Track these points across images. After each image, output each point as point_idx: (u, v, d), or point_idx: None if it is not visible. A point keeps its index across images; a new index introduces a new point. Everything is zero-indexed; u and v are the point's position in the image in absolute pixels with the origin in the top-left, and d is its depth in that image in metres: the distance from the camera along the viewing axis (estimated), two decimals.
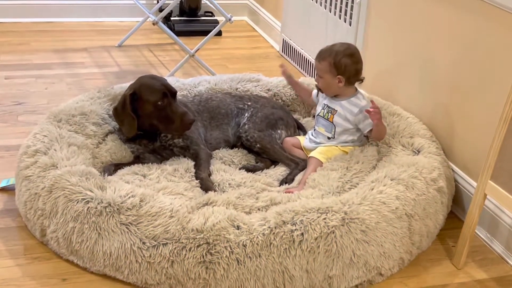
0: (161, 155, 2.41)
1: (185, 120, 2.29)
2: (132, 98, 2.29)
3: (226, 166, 2.41)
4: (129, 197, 1.96)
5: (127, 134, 2.34)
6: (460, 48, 2.34)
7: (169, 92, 2.31)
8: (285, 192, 2.22)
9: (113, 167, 2.28)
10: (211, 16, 4.41)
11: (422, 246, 2.14)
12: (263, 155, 2.49)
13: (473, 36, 2.27)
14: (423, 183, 2.13)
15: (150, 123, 2.33)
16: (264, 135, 2.49)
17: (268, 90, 2.85)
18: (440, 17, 2.43)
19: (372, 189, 2.06)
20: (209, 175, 2.30)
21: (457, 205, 2.39)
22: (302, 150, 2.50)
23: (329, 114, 2.43)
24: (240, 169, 2.40)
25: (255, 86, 2.84)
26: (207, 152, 2.40)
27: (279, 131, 2.54)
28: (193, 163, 2.35)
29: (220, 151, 2.51)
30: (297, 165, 2.42)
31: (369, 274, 1.97)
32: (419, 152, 2.33)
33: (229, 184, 2.27)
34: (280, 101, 2.84)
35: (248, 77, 2.88)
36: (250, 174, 2.36)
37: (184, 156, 2.39)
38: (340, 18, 3.19)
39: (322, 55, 2.40)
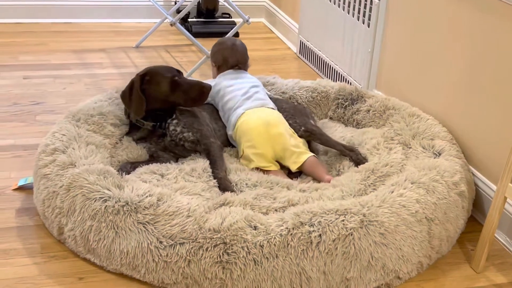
0: (174, 152, 2.41)
1: (202, 88, 2.37)
2: (143, 80, 2.33)
3: (241, 165, 2.40)
4: (147, 196, 1.96)
5: (136, 114, 2.35)
6: (479, 49, 2.32)
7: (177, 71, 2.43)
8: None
9: (130, 165, 2.29)
10: (228, 18, 4.42)
11: (442, 251, 2.11)
12: None
13: (492, 36, 2.24)
14: (444, 187, 2.11)
15: (167, 100, 2.35)
16: None
17: (283, 92, 2.84)
18: (459, 18, 2.41)
19: (392, 192, 2.04)
20: (225, 170, 2.30)
21: (476, 209, 2.37)
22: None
23: None
24: None
25: (269, 90, 2.81)
26: (218, 145, 2.38)
27: None
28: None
29: (234, 150, 2.51)
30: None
31: (387, 277, 1.95)
32: (439, 154, 2.31)
33: (246, 184, 2.26)
34: (295, 103, 2.83)
35: (263, 80, 2.86)
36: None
37: (196, 151, 2.39)
38: (358, 20, 3.18)
39: None
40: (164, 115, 2.39)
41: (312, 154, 2.41)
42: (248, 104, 2.47)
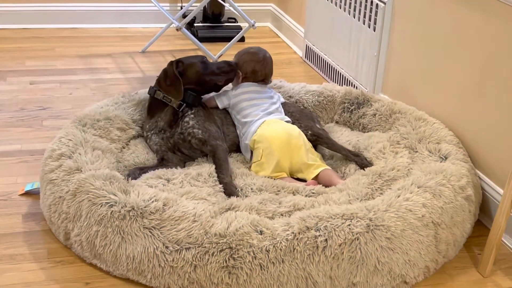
0: (181, 151, 2.42)
1: (229, 63, 2.55)
2: (177, 65, 2.46)
3: (247, 170, 2.40)
4: (153, 201, 1.96)
5: (176, 97, 2.44)
6: (486, 53, 2.31)
7: None
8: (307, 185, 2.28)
9: (138, 171, 2.29)
10: (234, 22, 4.42)
11: (449, 255, 2.10)
12: None
13: (499, 40, 2.24)
14: (451, 191, 2.10)
15: (202, 80, 2.49)
16: None
17: (290, 97, 2.84)
18: (466, 22, 2.41)
19: (399, 196, 2.04)
20: (231, 175, 2.30)
21: (483, 213, 2.36)
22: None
23: None
24: None
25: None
26: (224, 148, 2.40)
27: None
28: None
29: (241, 155, 2.52)
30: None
31: (393, 282, 1.95)
32: (446, 158, 2.30)
33: (251, 189, 2.26)
34: (302, 107, 2.83)
35: (270, 83, 2.86)
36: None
37: (201, 151, 2.41)
38: (364, 24, 3.17)
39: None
40: (195, 100, 2.47)
41: (328, 167, 2.40)
42: (269, 117, 2.49)
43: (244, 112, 2.52)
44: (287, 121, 2.52)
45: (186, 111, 2.44)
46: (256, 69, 2.59)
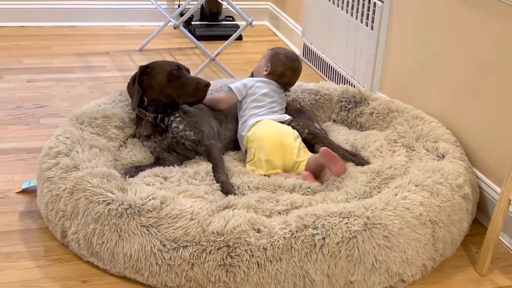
0: (176, 151, 2.41)
1: (200, 84, 2.37)
2: (144, 71, 2.40)
3: (244, 168, 2.40)
4: (150, 199, 1.96)
5: (132, 105, 2.43)
6: (483, 51, 2.31)
7: (183, 67, 2.45)
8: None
9: (134, 169, 2.29)
10: (232, 21, 4.42)
11: (446, 254, 2.11)
12: None
13: (496, 38, 2.24)
14: (448, 189, 2.10)
15: (164, 92, 2.39)
16: None
17: (286, 95, 2.83)
18: (464, 20, 2.41)
19: (396, 194, 2.04)
20: (226, 174, 2.30)
21: (480, 211, 2.36)
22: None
23: None
24: None
25: None
26: (218, 148, 2.39)
27: None
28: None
29: (238, 153, 2.51)
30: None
31: (391, 280, 1.95)
32: (443, 157, 2.30)
33: (248, 187, 2.25)
34: (299, 106, 2.83)
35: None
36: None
37: (196, 152, 2.40)
38: (361, 22, 3.17)
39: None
40: (165, 107, 2.41)
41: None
42: (269, 116, 2.50)
43: (253, 104, 2.54)
44: (287, 120, 2.53)
45: (169, 119, 2.40)
46: (286, 74, 2.64)
